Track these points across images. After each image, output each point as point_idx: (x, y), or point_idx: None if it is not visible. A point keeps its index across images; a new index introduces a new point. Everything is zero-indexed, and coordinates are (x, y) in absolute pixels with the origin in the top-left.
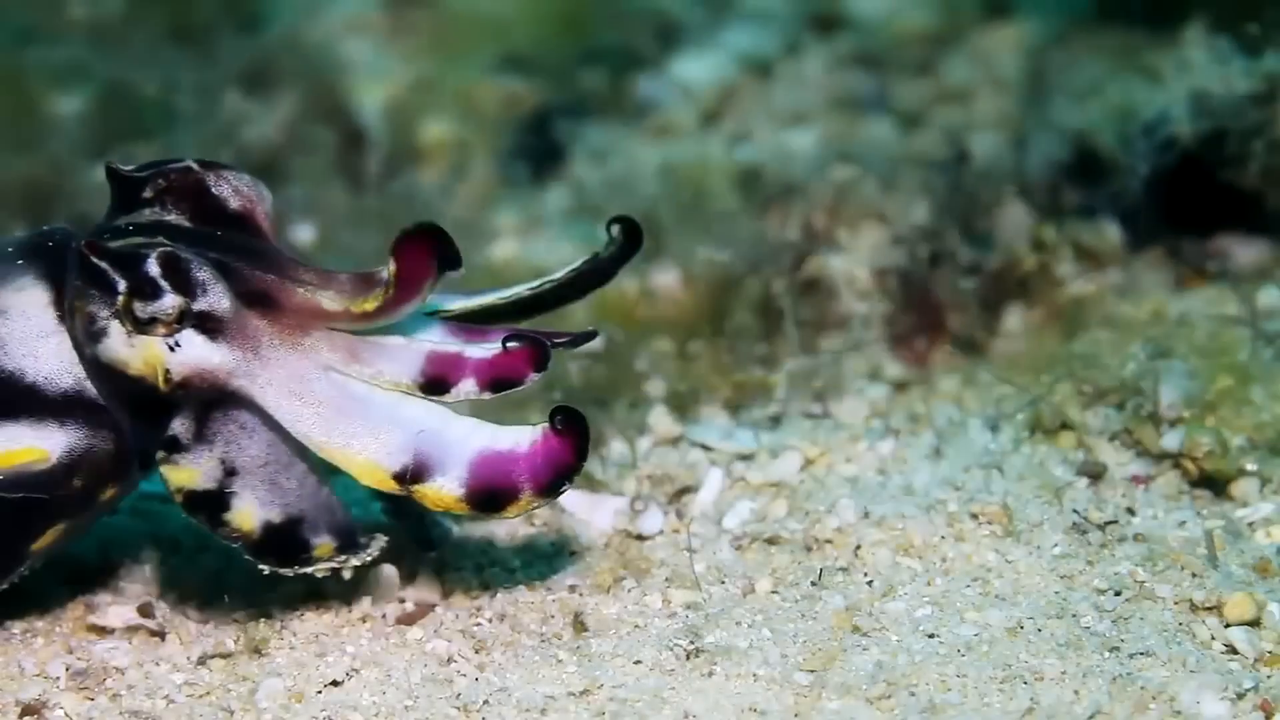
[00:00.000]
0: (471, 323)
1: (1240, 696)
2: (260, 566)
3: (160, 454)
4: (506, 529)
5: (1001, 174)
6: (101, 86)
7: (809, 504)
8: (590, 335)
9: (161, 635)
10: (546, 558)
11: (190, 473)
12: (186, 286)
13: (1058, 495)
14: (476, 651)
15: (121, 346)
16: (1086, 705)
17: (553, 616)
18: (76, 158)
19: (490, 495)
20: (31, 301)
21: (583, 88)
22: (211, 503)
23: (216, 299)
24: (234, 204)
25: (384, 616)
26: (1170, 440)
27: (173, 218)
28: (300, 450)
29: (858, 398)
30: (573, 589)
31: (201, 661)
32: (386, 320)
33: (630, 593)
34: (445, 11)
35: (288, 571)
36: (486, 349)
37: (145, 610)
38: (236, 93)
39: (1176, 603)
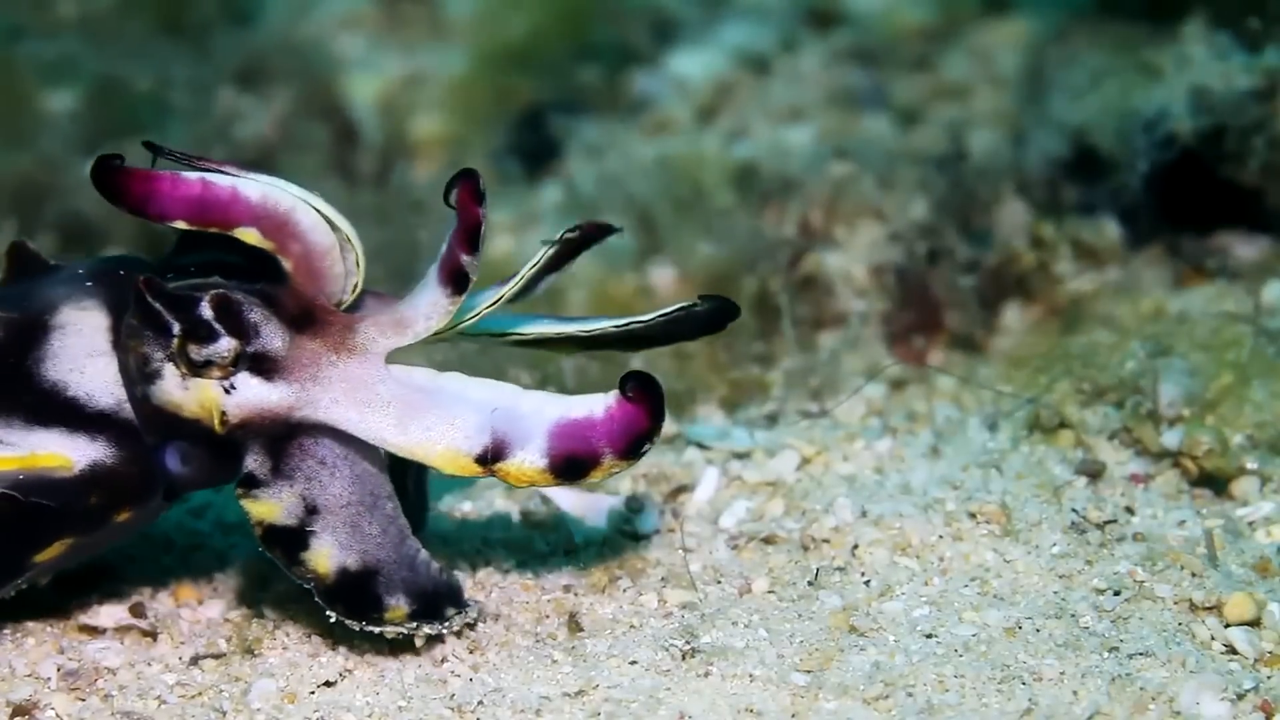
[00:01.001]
0: (543, 348)
1: (1240, 697)
2: (328, 612)
3: (239, 490)
4: (500, 528)
5: (1000, 171)
6: (93, 82)
7: (806, 503)
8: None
9: (153, 635)
10: (541, 557)
11: (271, 507)
12: (240, 329)
13: (1056, 494)
14: (471, 651)
15: (176, 389)
16: (1085, 706)
17: (547, 616)
18: (68, 154)
19: (573, 463)
20: (90, 322)
21: (578, 83)
22: (291, 540)
23: (269, 339)
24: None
25: None
26: (1170, 439)
27: (233, 257)
28: (384, 493)
29: (855, 396)
30: (567, 589)
31: (194, 662)
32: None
33: (625, 592)
34: (439, 6)
35: (355, 625)
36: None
37: (137, 610)
38: (230, 89)
39: (1176, 602)
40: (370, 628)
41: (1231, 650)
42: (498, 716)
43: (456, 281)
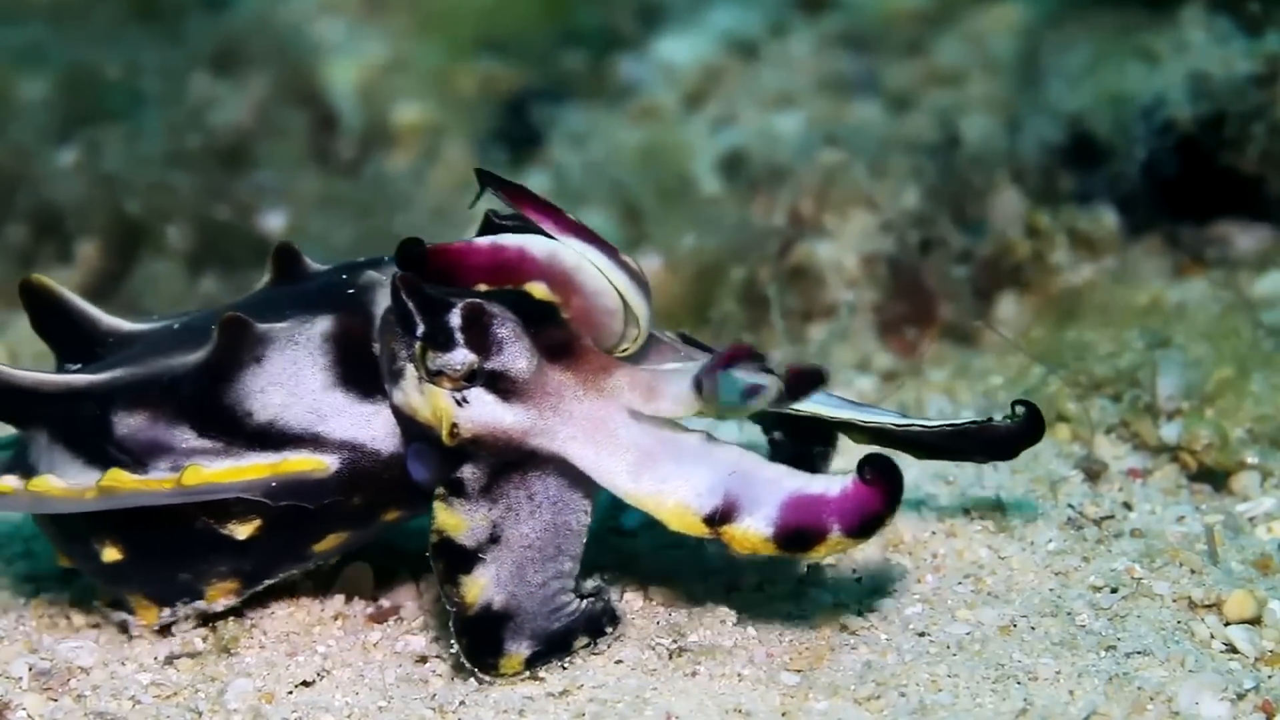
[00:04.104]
0: (813, 428)
1: (1240, 697)
2: (451, 642)
3: (440, 490)
4: None
5: (994, 158)
6: (63, 69)
7: None
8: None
9: (128, 634)
10: None
11: (459, 521)
12: (482, 343)
13: (1053, 490)
14: (453, 650)
15: (413, 391)
16: (1082, 706)
17: None
18: (39, 143)
19: (799, 535)
20: (348, 329)
21: (562, 69)
22: (458, 558)
23: (512, 359)
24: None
25: (357, 615)
26: (1168, 433)
27: None
28: (570, 553)
29: (846, 388)
30: None
31: (169, 661)
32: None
33: (611, 590)
34: None
35: (469, 666)
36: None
37: (111, 607)
38: (205, 74)
39: (1175, 600)
40: (483, 675)
41: (1231, 649)
42: (480, 717)
43: (706, 391)
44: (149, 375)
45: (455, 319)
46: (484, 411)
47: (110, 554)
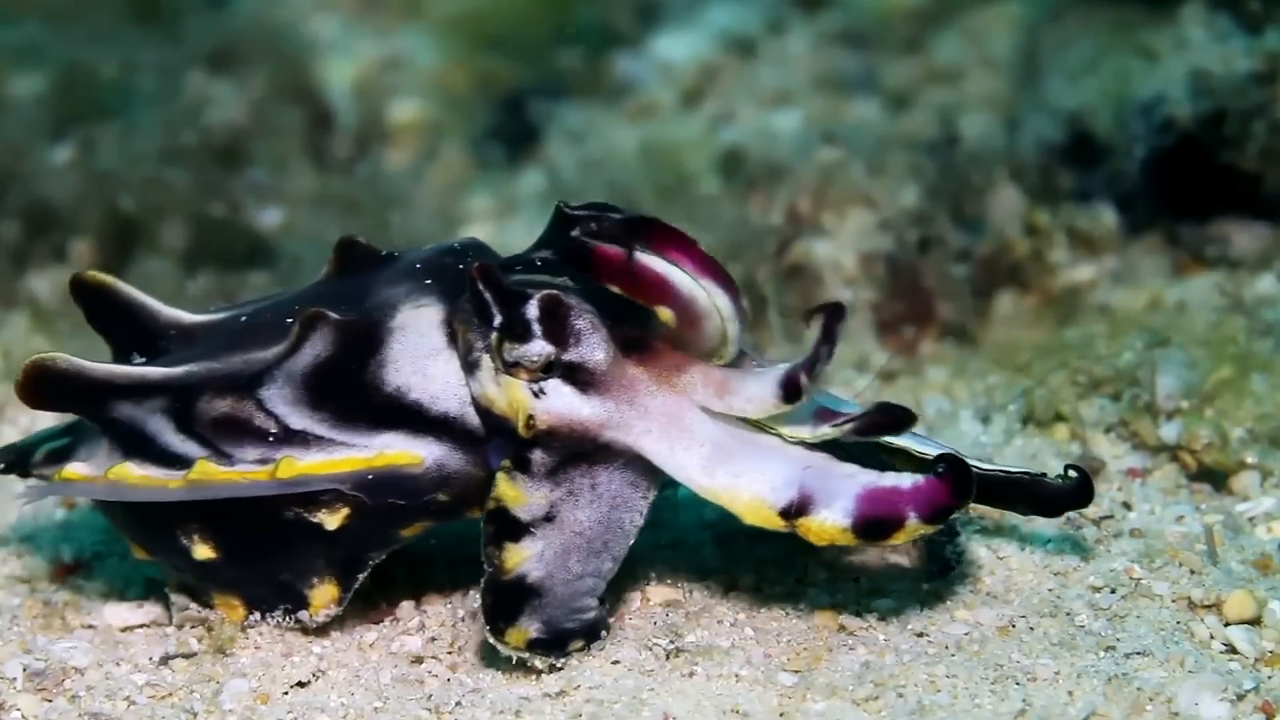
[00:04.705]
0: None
1: (1240, 698)
2: (476, 600)
3: (506, 463)
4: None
5: (993, 156)
6: (59, 67)
7: None
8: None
9: (124, 634)
10: None
11: (519, 494)
12: (560, 334)
13: None
14: (449, 651)
15: (489, 382)
16: (1081, 707)
17: None
18: (33, 140)
19: (877, 524)
20: (426, 319)
21: (559, 67)
22: (510, 527)
23: (590, 351)
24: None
25: (353, 615)
26: (1168, 432)
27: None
28: (614, 554)
29: (843, 388)
30: None
31: (164, 662)
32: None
33: (608, 590)
34: None
35: (485, 632)
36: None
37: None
38: (200, 73)
39: (1174, 600)
40: (490, 637)
41: (1231, 649)
42: (476, 717)
43: (790, 393)
44: (229, 368)
45: (533, 310)
46: (561, 403)
47: (202, 551)
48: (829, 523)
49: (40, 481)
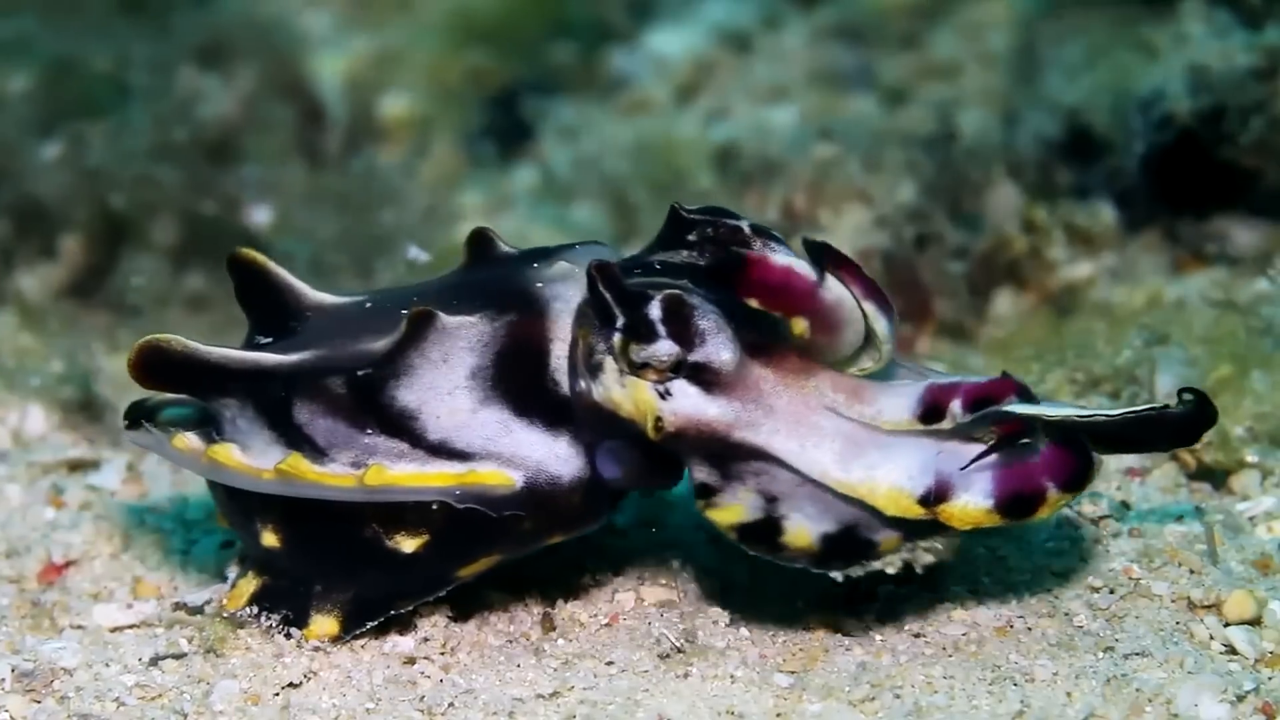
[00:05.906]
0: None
1: (1240, 699)
2: (830, 574)
3: (699, 503)
4: None
5: (990, 152)
6: (49, 62)
7: None
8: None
9: (112, 634)
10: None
11: (734, 509)
12: (685, 335)
13: None
14: (441, 652)
15: (614, 385)
16: (1079, 708)
17: (521, 616)
18: (23, 136)
19: (1020, 501)
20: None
21: (553, 62)
22: (765, 531)
23: (715, 350)
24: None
25: None
26: None
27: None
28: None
29: None
30: (542, 587)
31: (154, 663)
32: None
33: (602, 590)
34: None
35: (858, 570)
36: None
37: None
38: (191, 68)
39: (1173, 600)
40: (872, 565)
41: (1231, 650)
42: (469, 718)
43: (930, 417)
44: (334, 361)
45: (656, 310)
46: (688, 404)
47: (269, 539)
48: (971, 506)
49: (155, 434)
